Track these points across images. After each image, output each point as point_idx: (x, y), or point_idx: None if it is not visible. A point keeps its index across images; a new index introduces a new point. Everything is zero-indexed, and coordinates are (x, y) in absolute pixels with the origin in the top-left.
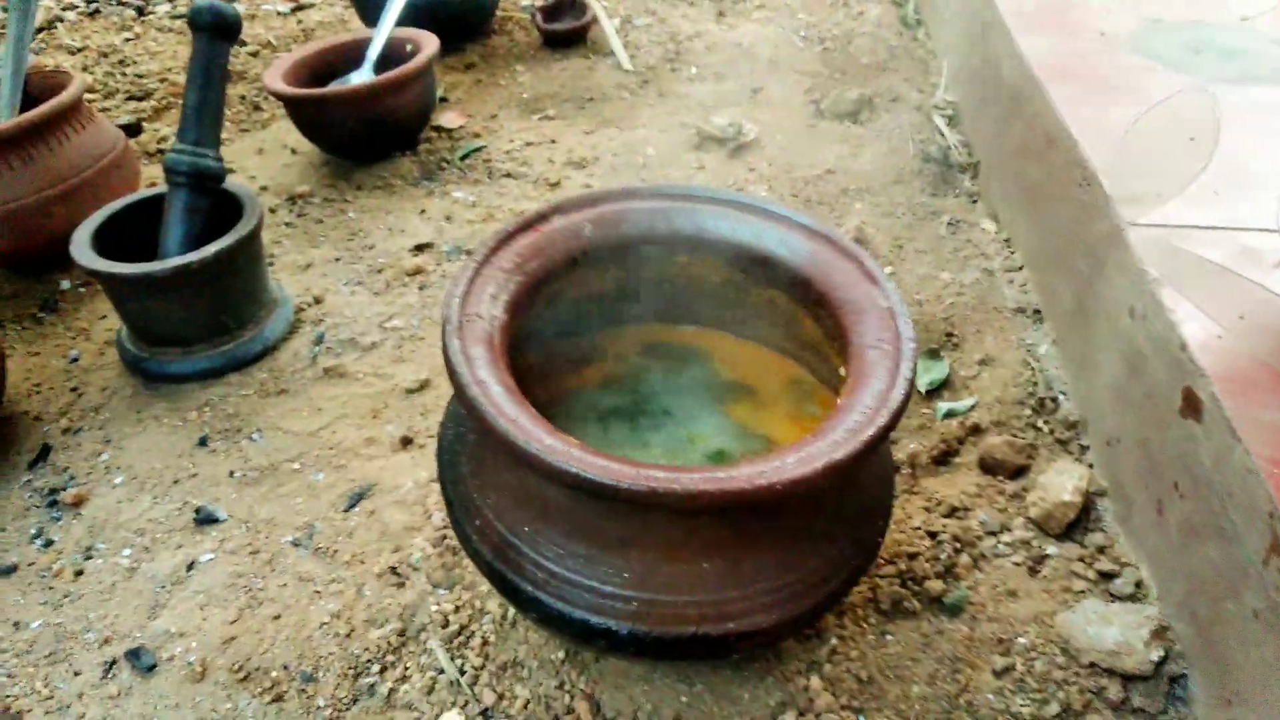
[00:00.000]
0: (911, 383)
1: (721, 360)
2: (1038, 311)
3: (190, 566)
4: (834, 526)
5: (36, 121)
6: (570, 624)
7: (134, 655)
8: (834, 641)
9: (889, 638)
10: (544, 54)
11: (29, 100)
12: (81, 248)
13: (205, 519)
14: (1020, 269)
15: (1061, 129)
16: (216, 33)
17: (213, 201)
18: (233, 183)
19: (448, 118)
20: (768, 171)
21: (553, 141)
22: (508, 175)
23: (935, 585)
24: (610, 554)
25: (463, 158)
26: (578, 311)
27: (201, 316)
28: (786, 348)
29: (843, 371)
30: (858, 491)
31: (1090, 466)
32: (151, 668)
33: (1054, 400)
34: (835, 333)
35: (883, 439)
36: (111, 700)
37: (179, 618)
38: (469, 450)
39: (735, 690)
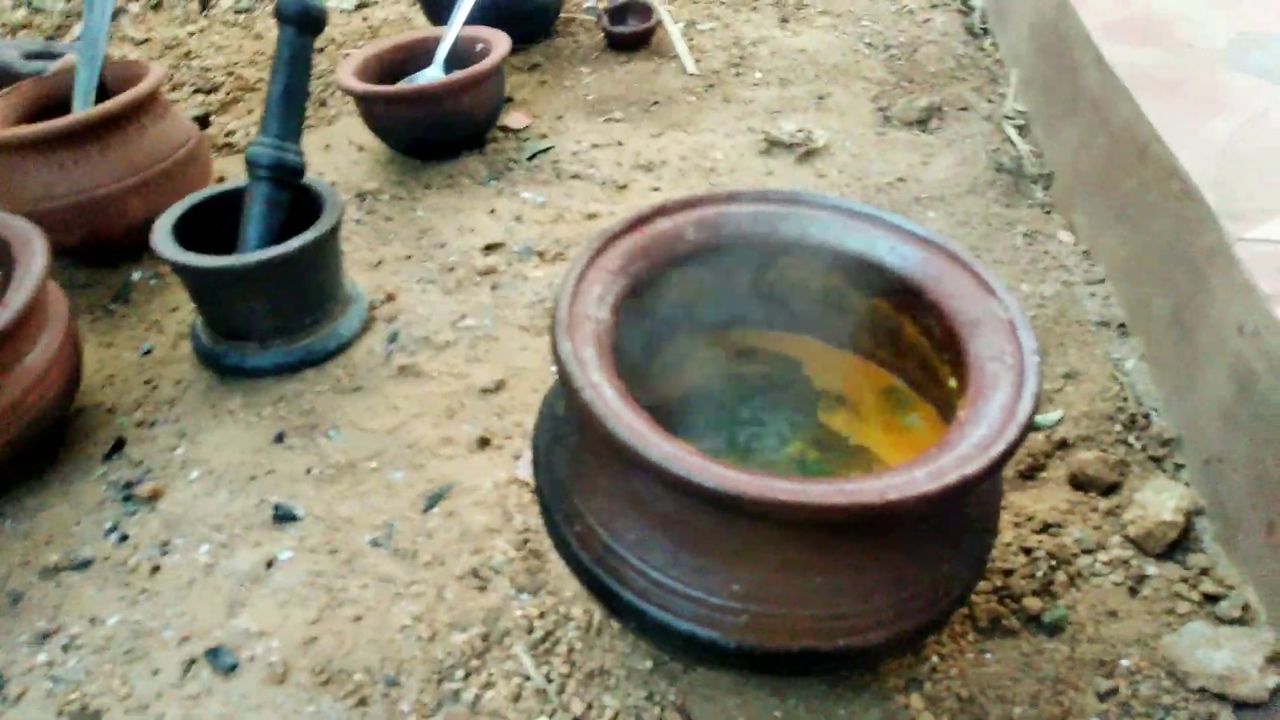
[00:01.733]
0: (1038, 397)
1: (814, 368)
2: (1123, 326)
3: (270, 564)
4: (948, 542)
5: (115, 111)
6: (675, 635)
7: (214, 654)
8: (934, 659)
9: (988, 656)
10: (608, 56)
11: (103, 92)
12: (164, 238)
13: (284, 516)
14: (1102, 282)
15: (1156, 140)
16: (302, 25)
17: (293, 196)
18: (312, 178)
19: (514, 118)
20: (838, 179)
21: (619, 144)
22: (575, 177)
23: (1033, 603)
24: (721, 565)
25: (530, 158)
26: (675, 315)
27: (279, 311)
28: (883, 357)
29: (952, 383)
30: (970, 507)
31: (1187, 485)
32: (232, 667)
33: (1145, 417)
34: (946, 344)
35: (1011, 454)
36: (192, 700)
37: (259, 616)
38: (570, 453)
39: (831, 706)
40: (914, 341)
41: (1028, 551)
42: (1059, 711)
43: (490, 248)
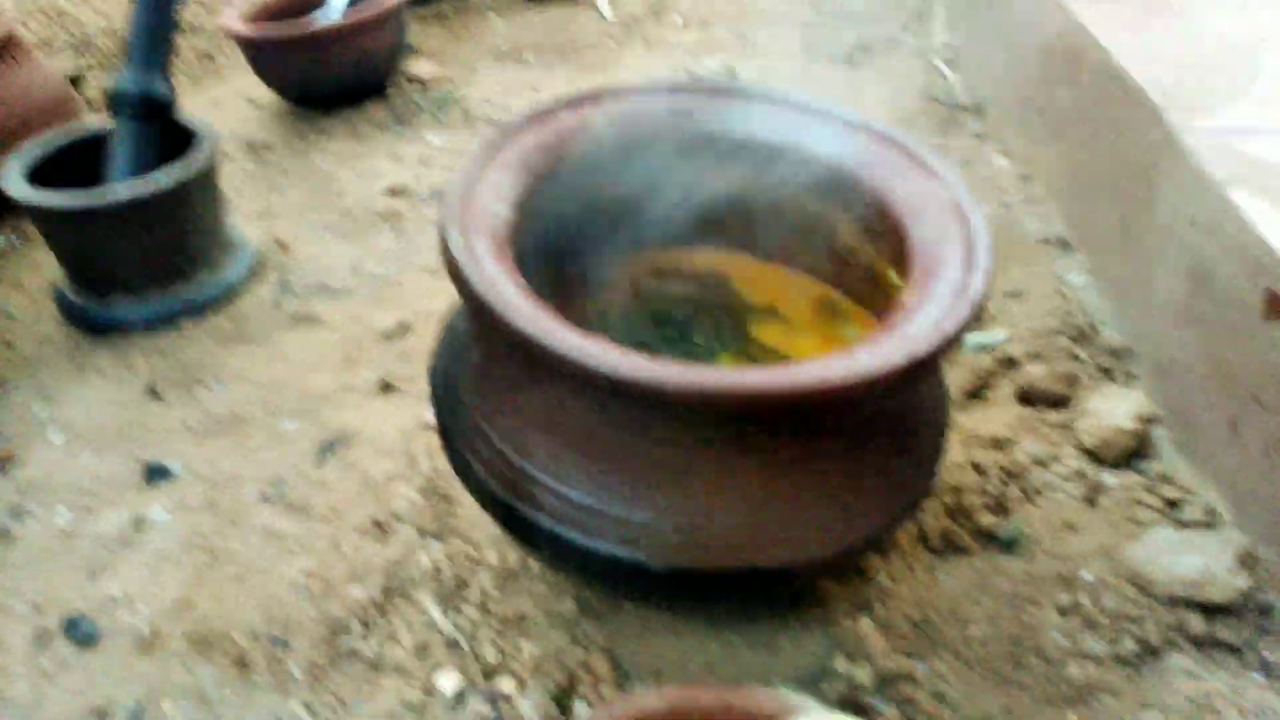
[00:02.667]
0: (989, 273)
1: (742, 283)
2: (1065, 242)
3: (139, 526)
4: (896, 442)
5: None
6: (595, 561)
7: (71, 625)
8: (884, 581)
9: (941, 577)
10: (519, 5)
11: None
12: (14, 179)
13: (157, 473)
14: (1042, 201)
15: (1094, 46)
16: None
17: (163, 134)
18: (185, 114)
19: (421, 67)
20: None
21: (534, 89)
22: (486, 121)
23: (987, 520)
24: (645, 478)
25: (437, 104)
26: (585, 226)
27: (152, 257)
28: (814, 265)
29: (895, 280)
30: (918, 406)
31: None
32: (91, 637)
33: (1093, 329)
34: (888, 235)
35: (964, 330)
36: (45, 676)
37: (125, 581)
38: (471, 373)
39: (773, 637)
40: (851, 242)
41: (978, 468)
42: (1019, 629)
43: (394, 191)
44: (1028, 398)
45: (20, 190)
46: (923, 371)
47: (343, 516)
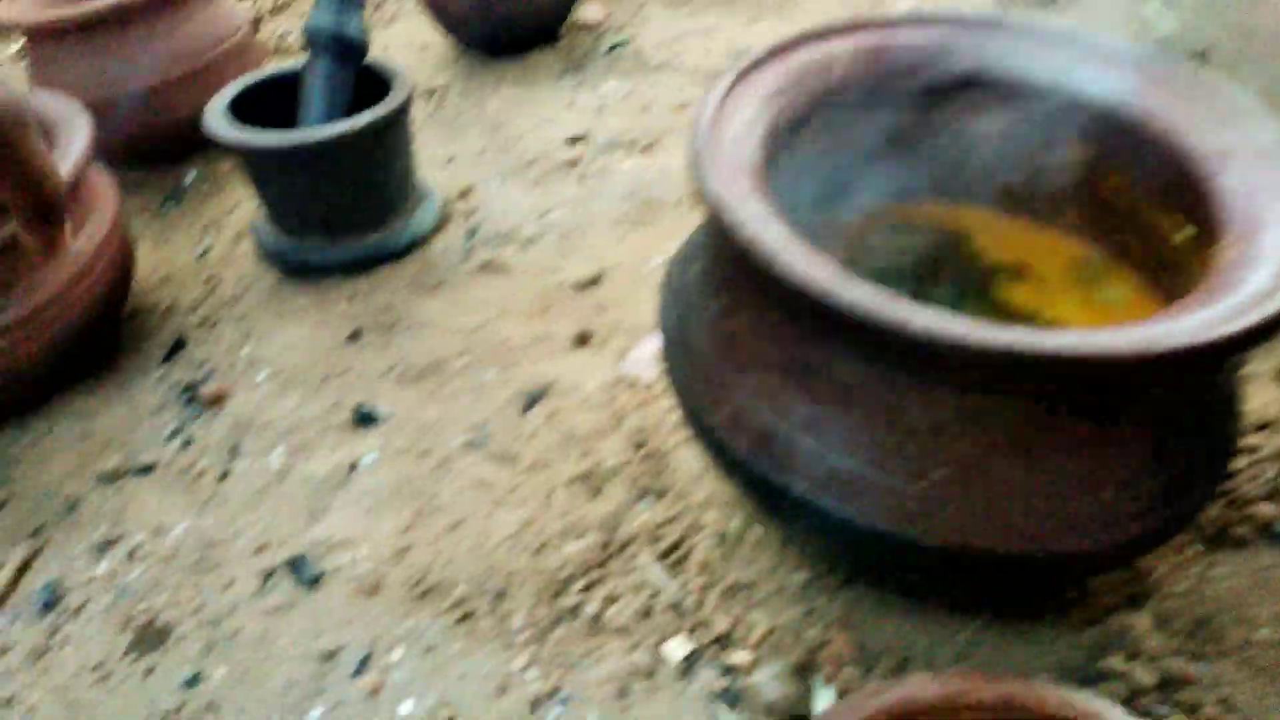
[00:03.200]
0: None
1: (986, 238)
2: None
3: (352, 468)
4: (1199, 424)
5: None
6: (859, 536)
7: (294, 565)
8: (1157, 573)
9: (1217, 571)
10: None
11: None
12: (218, 118)
13: (364, 417)
14: None
15: None
16: None
17: (356, 77)
18: (378, 58)
19: (588, 11)
20: None
21: (708, 33)
22: (661, 67)
23: (1265, 510)
24: (923, 446)
25: (610, 50)
26: (818, 171)
27: (350, 201)
28: (1072, 221)
29: (1184, 234)
30: (1220, 384)
31: None
32: (316, 579)
33: None
34: (1178, 186)
35: None
36: (272, 614)
37: (343, 524)
38: (712, 323)
39: (1032, 629)
40: (1120, 193)
41: (1250, 451)
42: None
43: (573, 140)
44: None
45: (226, 131)
46: (1264, 341)
47: (551, 468)
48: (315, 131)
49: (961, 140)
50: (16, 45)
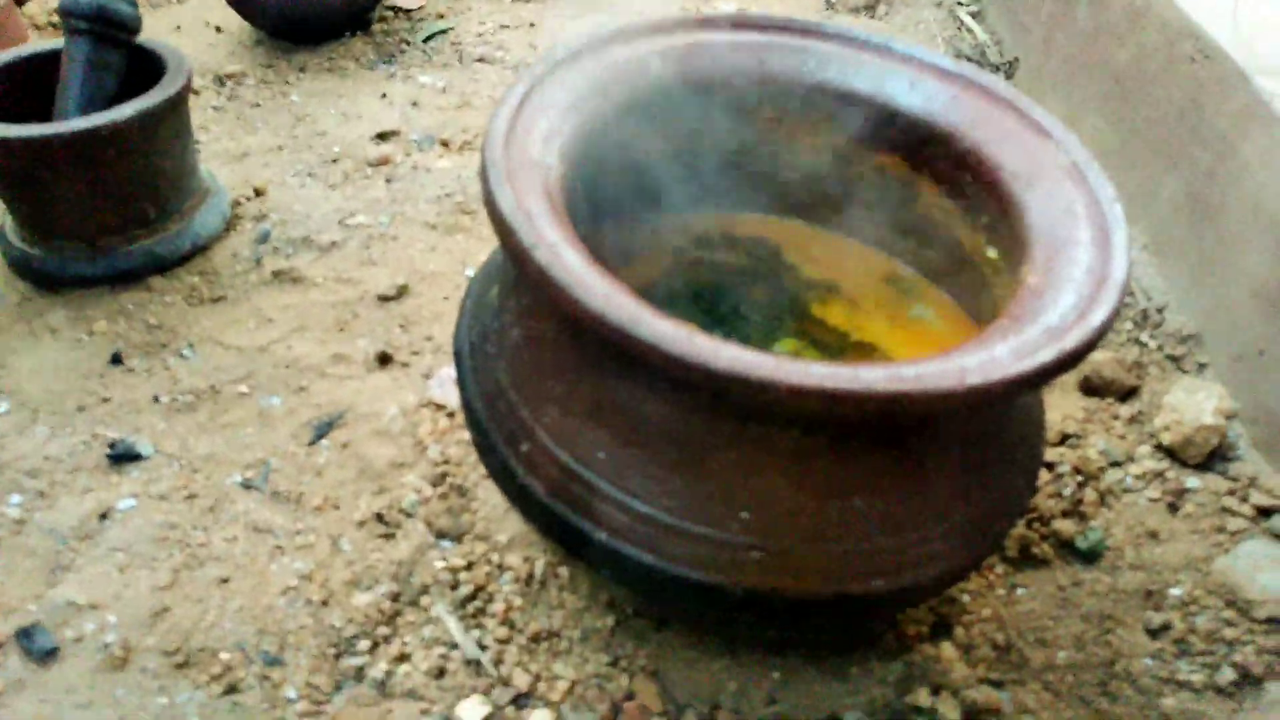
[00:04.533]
0: (1128, 251)
1: (799, 255)
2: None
3: (104, 516)
4: (1004, 452)
5: None
6: (665, 584)
7: (26, 635)
8: (962, 598)
9: (1021, 592)
10: None
11: None
12: None
13: (123, 455)
14: None
15: (1160, 1)
16: None
17: (125, 60)
18: (151, 39)
19: None
20: None
21: (532, 25)
22: (481, 60)
23: (1065, 527)
24: (726, 488)
25: (426, 39)
26: (628, 179)
27: (113, 201)
28: (883, 237)
29: (991, 254)
30: (1024, 410)
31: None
32: (51, 652)
33: (1159, 311)
34: (985, 203)
35: (1111, 323)
36: None
37: (89, 584)
38: (511, 352)
39: (842, 665)
40: (932, 208)
41: (1050, 466)
42: (1108, 654)
43: (383, 136)
44: (1092, 387)
45: None
46: (1068, 370)
47: (341, 509)
48: (71, 124)
49: (778, 150)
50: None
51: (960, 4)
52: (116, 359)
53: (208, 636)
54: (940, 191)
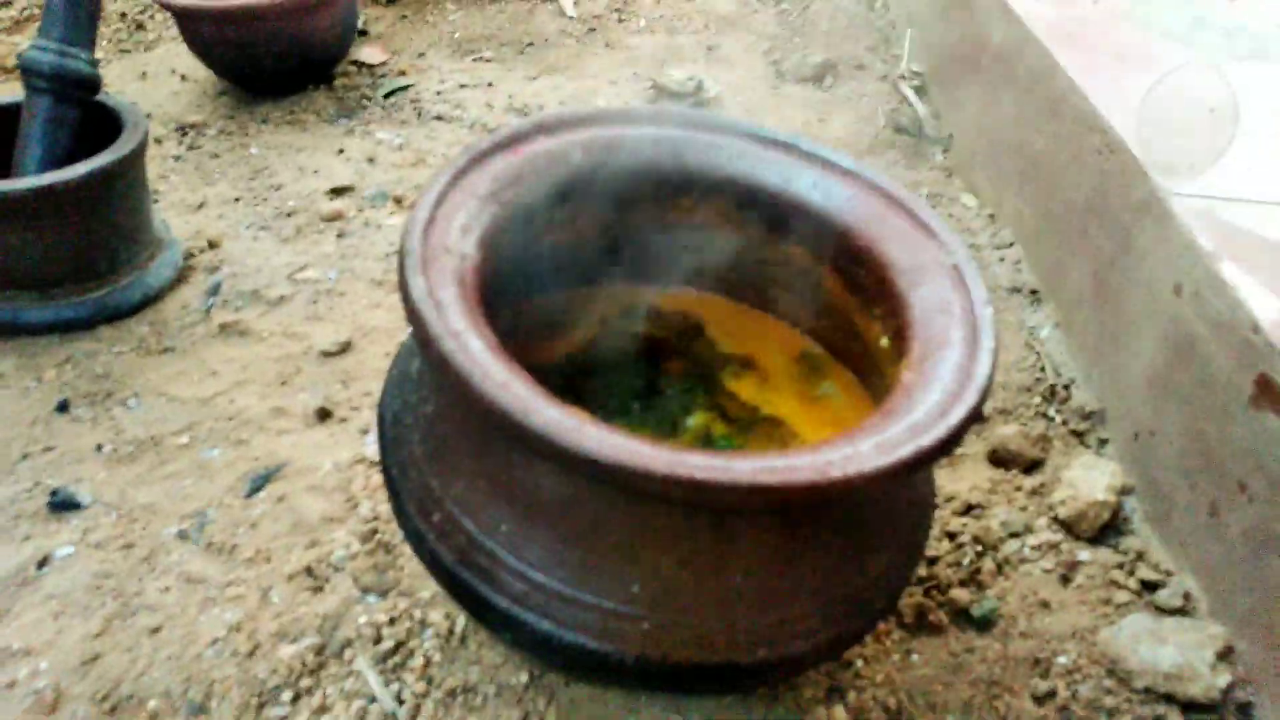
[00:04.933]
0: (995, 354)
1: (718, 329)
2: (1035, 292)
3: (42, 564)
4: (885, 530)
5: None
6: (561, 649)
7: None
8: (857, 663)
9: (915, 658)
10: None
11: None
12: None
13: (63, 504)
14: (1010, 246)
15: (1074, 93)
16: None
17: (83, 115)
18: (110, 95)
19: (368, 52)
20: None
21: (490, 85)
22: (439, 118)
23: (961, 595)
24: (617, 562)
25: (387, 95)
26: (552, 260)
27: (66, 254)
28: (797, 316)
29: (883, 343)
30: (907, 489)
31: (1115, 462)
32: None
33: (1065, 388)
34: (878, 297)
35: (973, 421)
36: None
37: (24, 630)
38: (425, 425)
39: None
40: (835, 296)
41: (952, 536)
42: (994, 718)
43: (337, 191)
44: (999, 459)
45: None
46: (927, 465)
47: (272, 561)
48: (26, 181)
49: (697, 232)
50: None
51: (903, 78)
52: (63, 407)
53: (136, 684)
54: (840, 282)
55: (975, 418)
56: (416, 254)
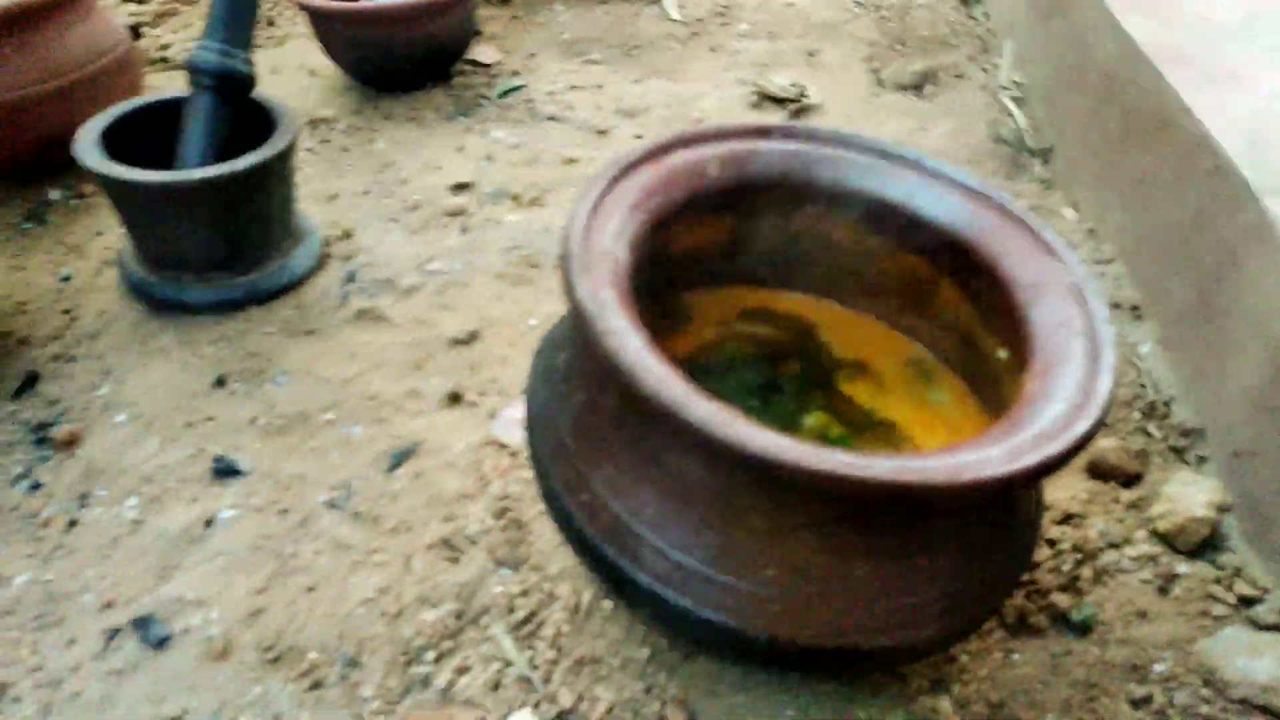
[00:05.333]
0: (1116, 371)
1: (833, 334)
2: (1136, 308)
3: (209, 523)
4: (1002, 530)
5: (33, 4)
6: (697, 625)
7: (142, 624)
8: (962, 659)
9: (1016, 657)
10: None
11: None
12: (89, 148)
13: (225, 470)
14: (1111, 261)
15: (1184, 113)
16: None
17: (239, 112)
18: (264, 94)
19: (483, 52)
20: None
21: (599, 87)
22: (551, 118)
23: (1061, 600)
24: (755, 547)
25: (501, 95)
26: (681, 262)
27: (224, 240)
28: (911, 324)
29: (1001, 355)
30: (1026, 495)
31: (1215, 479)
32: (164, 640)
33: (1165, 405)
34: (998, 310)
35: (1094, 435)
36: (115, 676)
37: (196, 582)
38: (575, 414)
39: (849, 707)
40: (952, 307)
41: (1052, 543)
42: (1091, 719)
43: (459, 187)
44: (1098, 471)
45: (95, 161)
46: (1052, 473)
47: (412, 531)
48: (191, 172)
49: (818, 241)
50: None
51: (1004, 89)
52: (220, 381)
53: (296, 637)
54: (959, 294)
55: (1097, 431)
56: (578, 258)
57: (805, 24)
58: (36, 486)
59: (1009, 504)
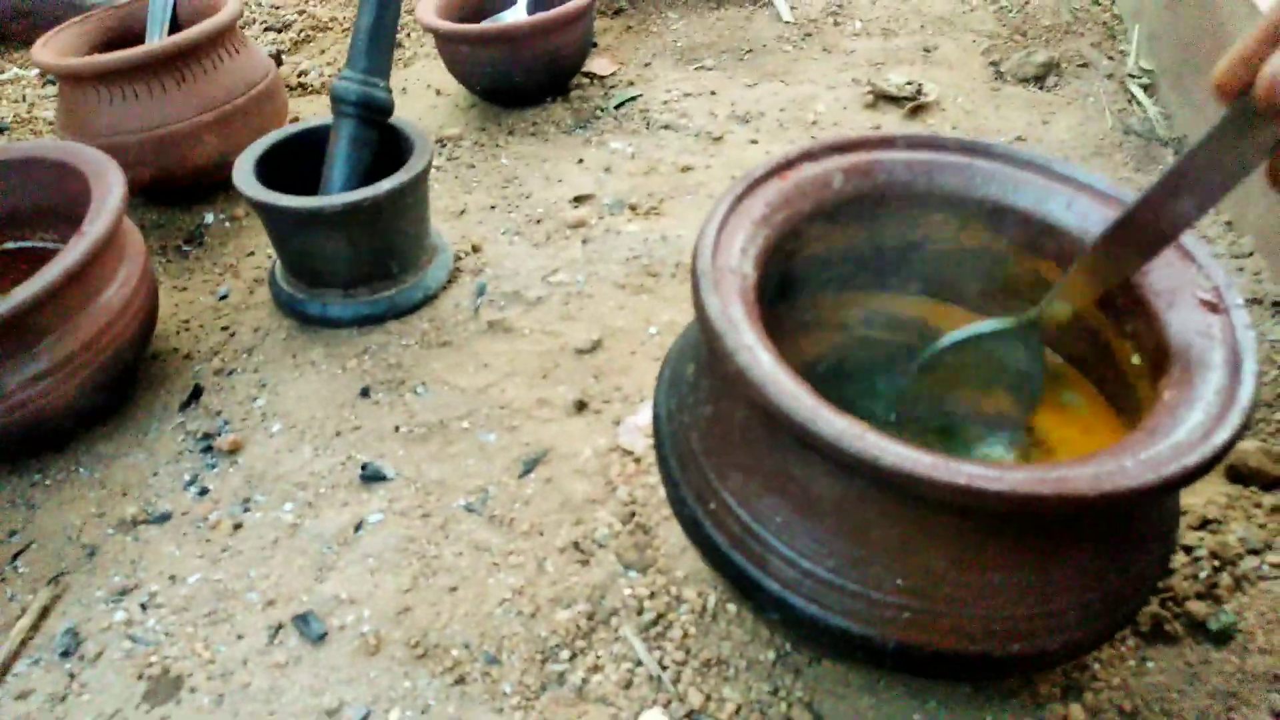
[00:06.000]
0: (1258, 378)
1: None
2: (1277, 304)
3: (358, 526)
4: (1138, 540)
5: (191, 43)
6: (825, 631)
7: (302, 621)
8: (1094, 666)
9: (1150, 665)
10: (697, 1)
11: (176, 25)
12: (246, 177)
13: (372, 476)
14: (1250, 255)
15: None
16: None
17: (380, 136)
18: (400, 118)
19: (599, 64)
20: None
21: (712, 93)
22: (667, 127)
23: (1197, 608)
24: (884, 556)
25: (617, 106)
26: (805, 271)
27: (366, 258)
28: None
29: (1135, 360)
30: (1163, 502)
31: None
32: (322, 636)
33: None
34: (1131, 315)
35: (1234, 445)
36: (279, 668)
37: (348, 582)
38: (704, 424)
39: (977, 713)
40: (1084, 313)
41: (1188, 550)
42: None
43: (579, 199)
44: (1238, 475)
45: (253, 189)
46: (1190, 484)
47: (545, 535)
48: (337, 198)
49: (943, 248)
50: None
51: (1132, 76)
52: (365, 392)
53: (441, 635)
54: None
55: (1237, 440)
56: (709, 275)
57: (920, 19)
58: (204, 492)
59: (1145, 511)
